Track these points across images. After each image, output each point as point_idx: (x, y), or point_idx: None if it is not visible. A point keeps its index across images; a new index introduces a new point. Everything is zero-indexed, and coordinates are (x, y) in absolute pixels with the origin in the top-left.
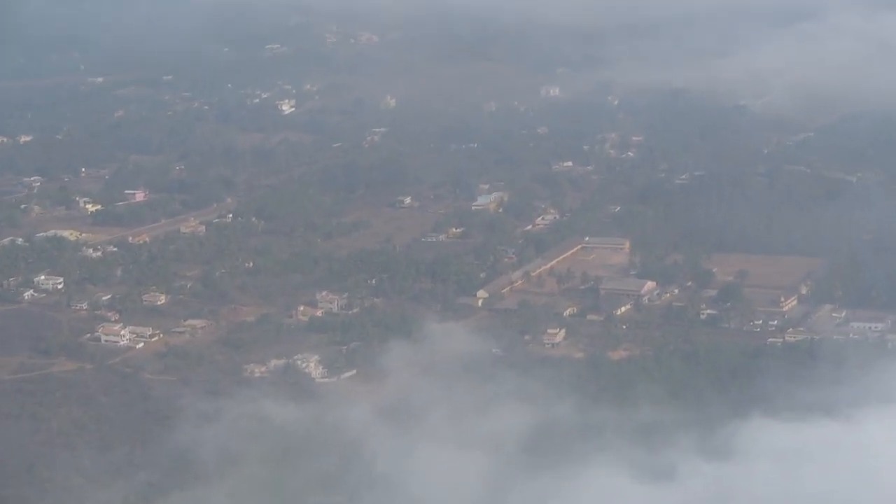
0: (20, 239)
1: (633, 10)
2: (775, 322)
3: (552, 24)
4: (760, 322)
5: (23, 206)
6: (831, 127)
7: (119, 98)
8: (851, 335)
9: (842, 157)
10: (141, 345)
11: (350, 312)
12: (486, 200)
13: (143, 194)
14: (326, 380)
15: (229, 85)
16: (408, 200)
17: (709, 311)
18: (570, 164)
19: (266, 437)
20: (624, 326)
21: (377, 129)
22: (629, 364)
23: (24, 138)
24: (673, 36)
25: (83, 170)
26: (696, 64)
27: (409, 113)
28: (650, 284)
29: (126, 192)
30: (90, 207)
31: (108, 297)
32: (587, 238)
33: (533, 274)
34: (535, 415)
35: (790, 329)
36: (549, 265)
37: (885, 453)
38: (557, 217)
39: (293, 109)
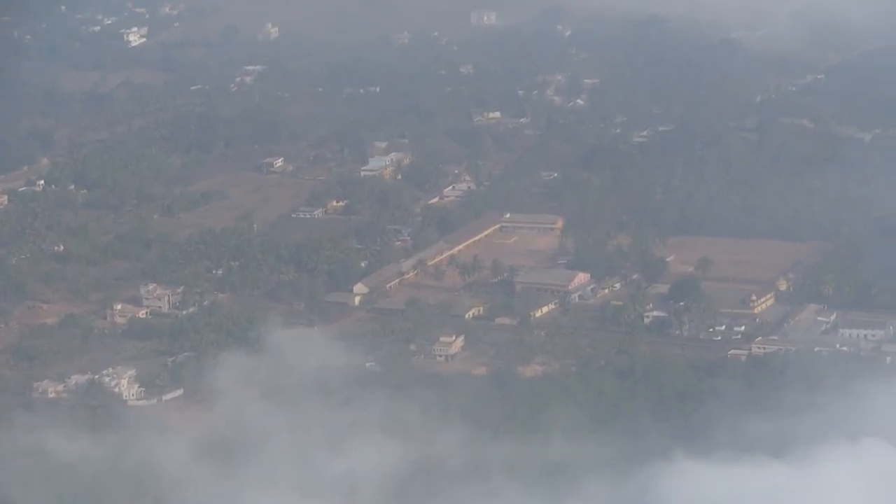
0: None
1: None
2: (742, 328)
3: None
4: (722, 328)
5: None
6: (846, 67)
7: None
8: (839, 346)
9: (856, 106)
10: None
11: (183, 313)
12: (381, 164)
13: None
14: (142, 402)
15: (62, 7)
16: (279, 163)
17: (656, 314)
18: (497, 114)
19: (51, 480)
20: (543, 333)
21: (250, 68)
22: (544, 383)
23: None
24: None
25: None
26: None
27: (293, 46)
28: (582, 277)
29: None
30: None
31: None
32: (508, 215)
33: (430, 262)
34: (409, 451)
35: (759, 338)
36: (453, 250)
37: None
38: (473, 186)
39: (143, 40)
